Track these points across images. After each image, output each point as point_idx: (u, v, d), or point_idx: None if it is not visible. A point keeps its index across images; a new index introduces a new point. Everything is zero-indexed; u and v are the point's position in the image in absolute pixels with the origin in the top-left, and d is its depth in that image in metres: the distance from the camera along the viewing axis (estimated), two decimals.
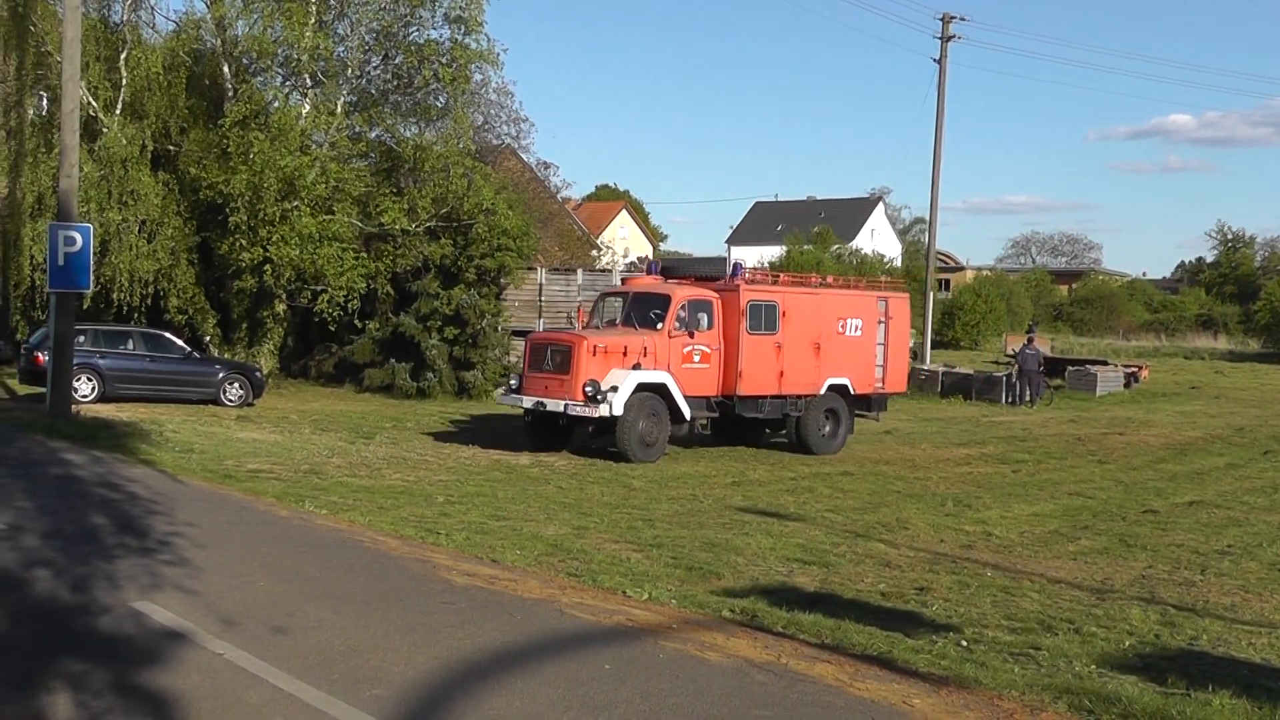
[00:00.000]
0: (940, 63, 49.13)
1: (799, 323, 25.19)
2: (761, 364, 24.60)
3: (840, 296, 27.15)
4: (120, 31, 33.04)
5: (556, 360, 22.94)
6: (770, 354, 24.75)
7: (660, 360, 23.24)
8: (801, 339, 25.28)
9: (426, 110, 35.43)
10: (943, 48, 49.12)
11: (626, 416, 22.28)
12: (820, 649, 8.93)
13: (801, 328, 25.24)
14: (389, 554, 12.02)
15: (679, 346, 23.57)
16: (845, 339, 26.23)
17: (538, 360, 23.50)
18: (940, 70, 49.09)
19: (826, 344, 25.73)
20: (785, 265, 76.24)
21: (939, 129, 49.19)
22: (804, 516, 16.95)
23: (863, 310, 26.76)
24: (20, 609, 9.11)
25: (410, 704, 7.22)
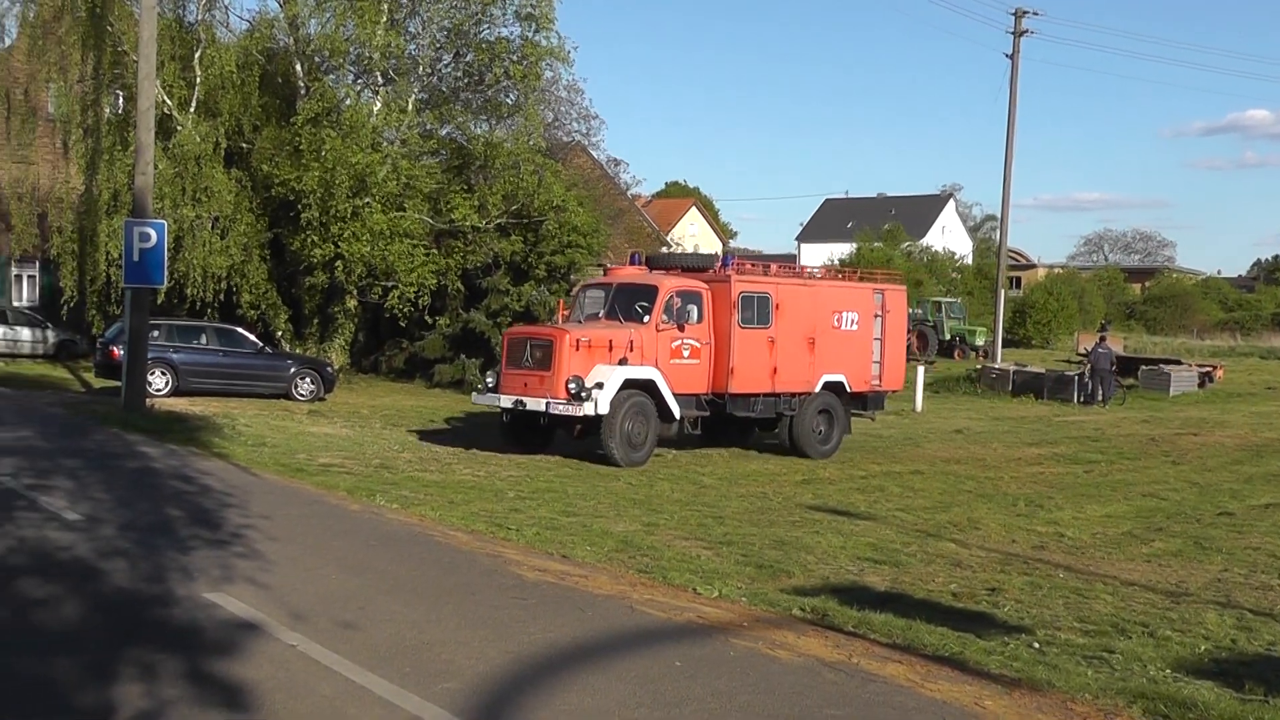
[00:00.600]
0: (1013, 58, 48.70)
1: (793, 316, 23.95)
2: (754, 360, 23.33)
3: (835, 288, 25.87)
4: (195, 31, 33.42)
5: (536, 356, 21.61)
6: (763, 349, 23.46)
7: (647, 355, 21.96)
8: (796, 333, 24.05)
9: (497, 107, 35.56)
10: (1015, 43, 48.67)
11: (612, 416, 21.04)
12: (891, 649, 8.85)
13: (796, 321, 24.01)
14: (460, 549, 12.05)
15: (667, 341, 22.29)
16: (841, 333, 24.99)
17: (516, 356, 22.09)
18: (1012, 66, 48.67)
19: (822, 339, 24.52)
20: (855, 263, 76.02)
21: (1011, 125, 48.78)
22: (874, 515, 16.85)
23: (859, 303, 25.51)
24: (96, 599, 9.19)
25: (481, 698, 7.21)
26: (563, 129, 48.91)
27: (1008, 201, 49.99)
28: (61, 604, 8.98)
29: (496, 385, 22.27)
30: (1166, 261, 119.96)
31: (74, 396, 28.35)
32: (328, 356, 33.66)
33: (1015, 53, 48.65)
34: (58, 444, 18.73)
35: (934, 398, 39.74)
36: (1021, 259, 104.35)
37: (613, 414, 20.99)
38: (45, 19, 33.50)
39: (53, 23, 33.47)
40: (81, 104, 33.47)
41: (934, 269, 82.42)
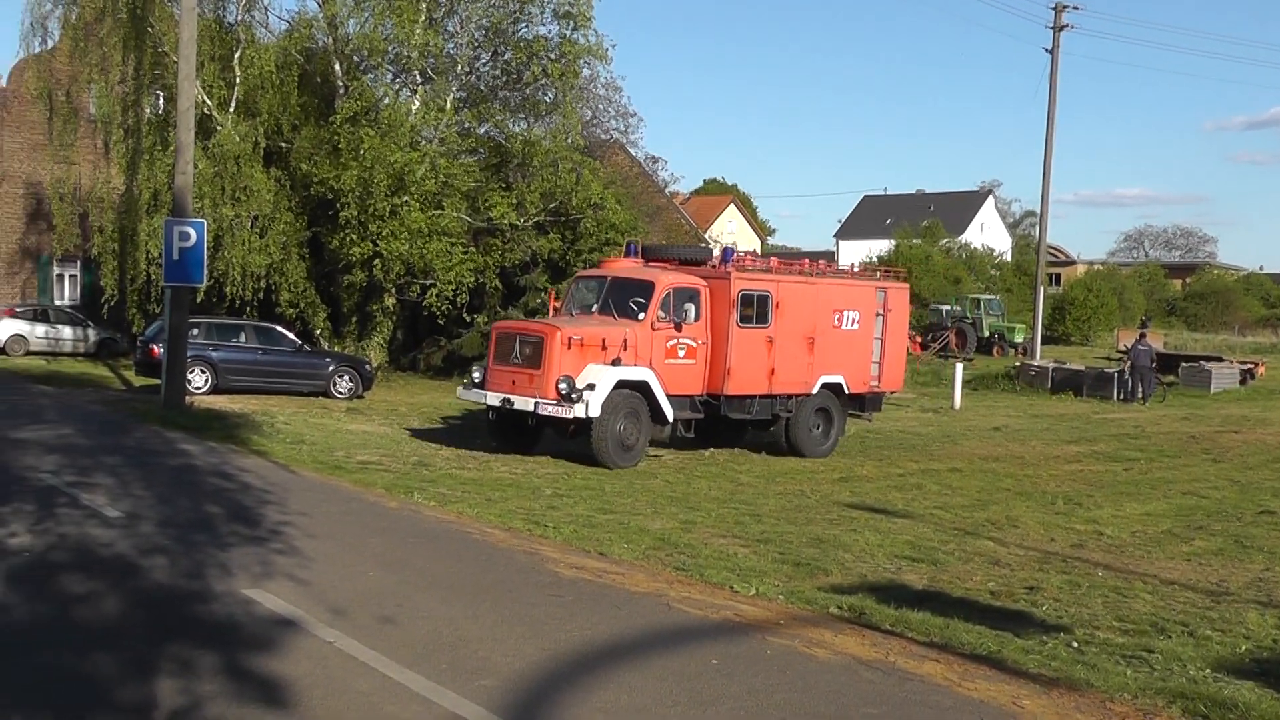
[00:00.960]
0: (1052, 53, 48.46)
1: (793, 315, 23.04)
2: (752, 360, 22.46)
3: (837, 286, 24.72)
4: (234, 31, 33.58)
5: (526, 353, 20.68)
6: (761, 349, 22.57)
7: (641, 355, 21.01)
8: (795, 333, 23.15)
9: (535, 105, 35.60)
10: (1055, 37, 48.45)
11: (604, 418, 20.15)
12: (929, 647, 8.83)
13: (795, 320, 23.11)
14: (497, 546, 12.08)
15: (663, 340, 21.32)
16: (841, 332, 24.09)
17: (505, 352, 21.17)
18: (1052, 60, 48.44)
19: (821, 338, 23.63)
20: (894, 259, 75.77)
21: (1050, 120, 48.55)
22: (912, 513, 16.80)
23: (860, 301, 24.60)
24: (137, 595, 9.26)
25: (518, 694, 7.23)
26: (601, 127, 48.87)
27: (1047, 197, 49.89)
28: (102, 600, 9.05)
29: (483, 381, 21.40)
30: (1207, 257, 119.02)
31: (114, 394, 28.55)
32: (366, 354, 33.78)
33: (1055, 47, 48.44)
34: (98, 441, 18.87)
35: (972, 395, 39.62)
36: (1061, 255, 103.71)
37: (604, 416, 20.16)
38: (87, 21, 33.72)
39: (94, 24, 33.71)
40: (122, 104, 33.70)
41: (973, 266, 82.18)
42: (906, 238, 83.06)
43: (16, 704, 6.74)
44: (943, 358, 55.00)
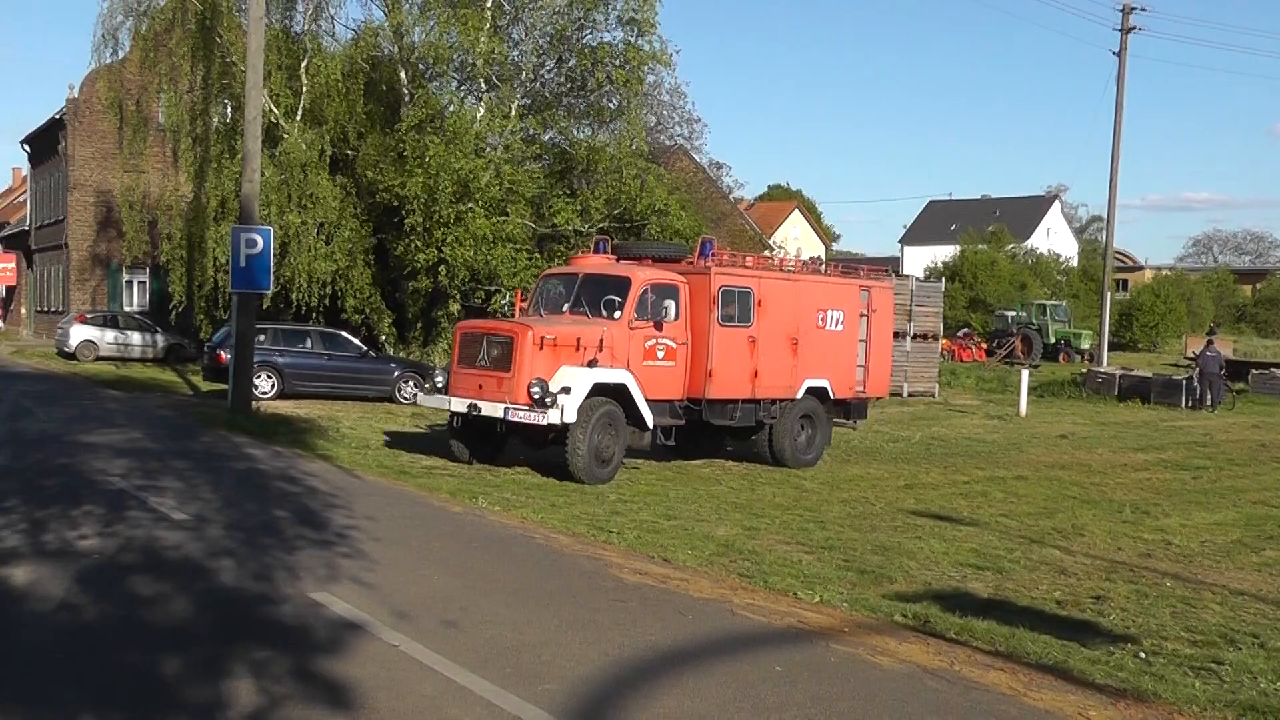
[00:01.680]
0: (1120, 55, 47.99)
1: (776, 314, 21.65)
2: (734, 362, 21.07)
3: (820, 284, 23.39)
4: (301, 41, 33.88)
5: (494, 354, 19.07)
6: (744, 350, 21.19)
7: (618, 356, 19.48)
8: (778, 333, 21.78)
9: (600, 112, 35.64)
10: (1123, 40, 47.96)
11: (580, 425, 18.57)
12: (994, 657, 8.77)
13: (778, 320, 21.73)
14: (561, 551, 12.10)
15: (640, 340, 19.82)
16: (825, 333, 22.72)
17: (470, 354, 19.54)
18: (1120, 63, 47.95)
19: (805, 339, 22.23)
20: (959, 266, 75.36)
21: (1118, 124, 48.06)
22: (977, 521, 16.68)
23: (844, 301, 23.24)
24: (205, 597, 9.34)
25: (581, 699, 7.24)
26: (665, 133, 48.96)
27: (1114, 202, 49.33)
28: (171, 601, 9.14)
29: (446, 386, 19.88)
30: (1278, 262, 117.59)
31: (182, 399, 28.86)
32: (431, 360, 33.93)
33: (1122, 50, 47.96)
34: (166, 445, 19.07)
35: (1038, 402, 39.27)
36: (1128, 261, 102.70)
37: (580, 423, 18.58)
38: (157, 32, 34.17)
39: (164, 35, 34.15)
40: (191, 113, 34.13)
41: (1039, 271, 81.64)
42: (972, 243, 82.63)
43: (87, 702, 6.83)
44: (1008, 364, 54.69)
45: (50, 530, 11.47)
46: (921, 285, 44.21)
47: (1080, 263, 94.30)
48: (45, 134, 58.33)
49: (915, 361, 41.44)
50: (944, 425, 31.20)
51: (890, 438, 27.55)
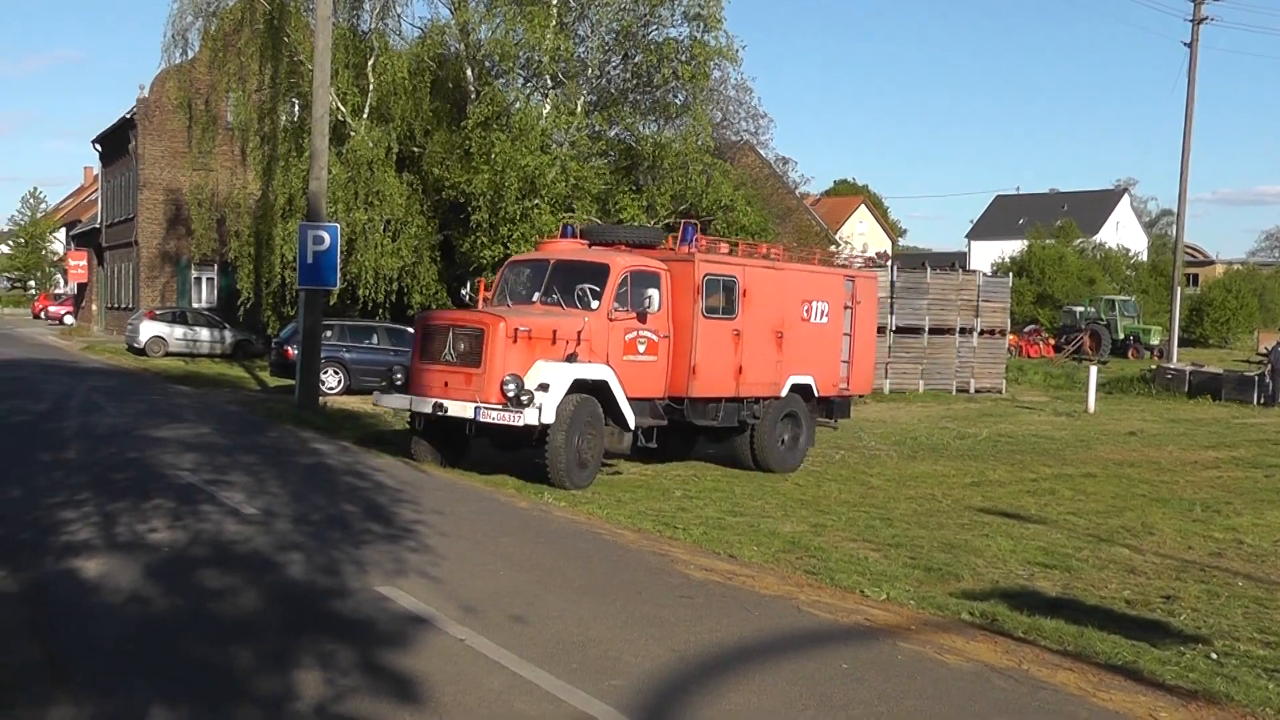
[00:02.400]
0: (1191, 46, 47.46)
1: (760, 305, 20.11)
2: (718, 357, 19.48)
3: (805, 274, 21.70)
4: (368, 39, 34.07)
5: (461, 348, 17.36)
6: (728, 344, 19.62)
7: (597, 350, 17.78)
8: (763, 326, 20.23)
9: (666, 108, 35.54)
10: (1194, 31, 47.42)
11: (559, 426, 16.83)
12: (1062, 656, 8.69)
13: (763, 311, 20.19)
14: (627, 547, 12.10)
15: (620, 333, 18.19)
16: (810, 326, 21.24)
17: (435, 348, 17.76)
18: (1191, 54, 47.43)
19: (790, 333, 20.73)
20: (1027, 261, 74.79)
21: (1188, 116, 47.57)
22: (1045, 519, 16.53)
23: (829, 292, 21.78)
24: (274, 590, 9.41)
25: (647, 695, 7.23)
26: (731, 128, 48.70)
27: (1184, 195, 48.78)
28: (239, 595, 9.21)
29: (407, 383, 18.11)
30: None
31: (250, 394, 29.11)
32: None
33: (1194, 41, 47.43)
34: (235, 440, 19.24)
35: (1107, 398, 38.93)
36: (1199, 255, 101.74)
37: (560, 424, 16.86)
38: (226, 32, 34.51)
39: (233, 35, 34.49)
40: (259, 112, 34.44)
41: (1107, 266, 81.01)
42: (1040, 238, 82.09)
43: (158, 692, 6.89)
44: (1076, 360, 54.28)
45: (121, 524, 11.58)
46: (988, 280, 43.88)
47: (1150, 257, 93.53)
48: (116, 133, 59.04)
49: (982, 357, 41.21)
50: (1011, 422, 30.98)
51: (957, 434, 27.38)
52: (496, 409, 16.66)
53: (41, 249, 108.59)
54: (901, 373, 39.12)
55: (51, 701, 6.71)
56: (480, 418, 16.79)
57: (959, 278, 42.19)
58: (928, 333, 39.66)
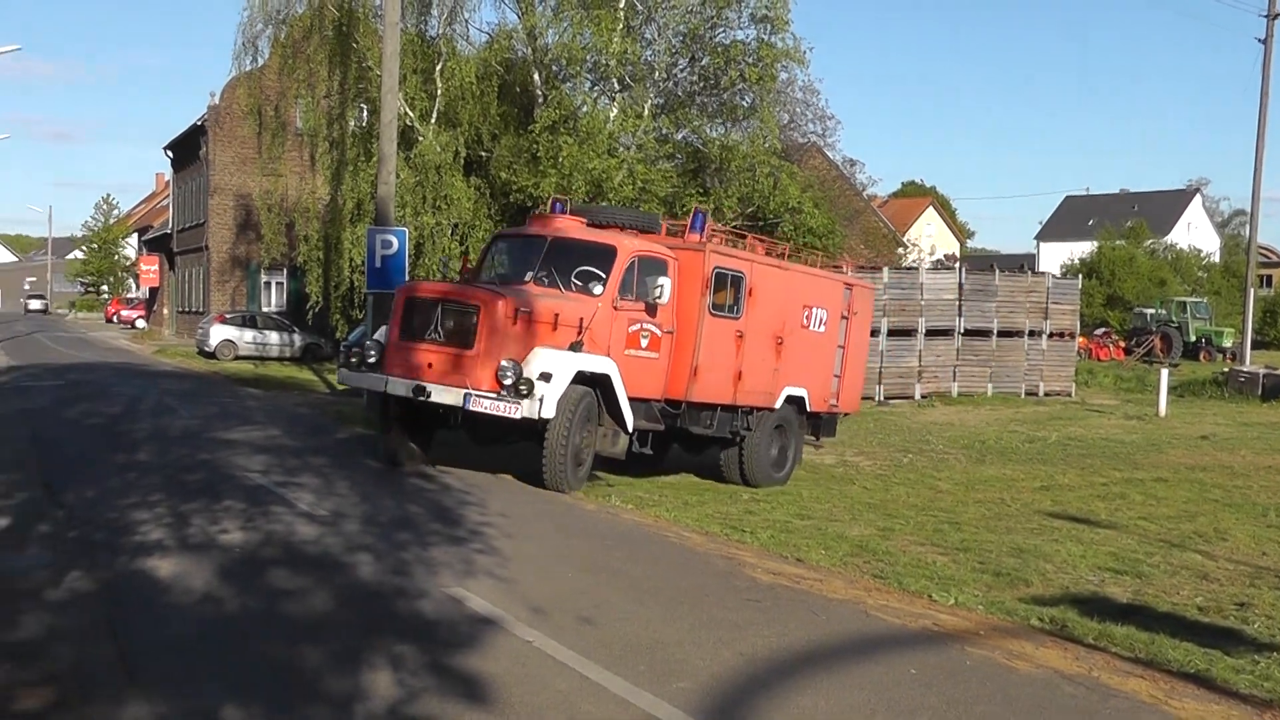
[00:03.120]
0: (1265, 42, 46.73)
1: (765, 307, 18.56)
2: (720, 359, 17.85)
3: (807, 278, 20.29)
4: (436, 44, 34.22)
5: (451, 326, 15.43)
6: (730, 346, 17.99)
7: (598, 340, 15.86)
8: (765, 329, 18.68)
9: (733, 110, 35.47)
10: (1269, 26, 46.69)
11: (561, 421, 15.24)
12: (1134, 663, 8.60)
13: (766, 314, 18.64)
14: (694, 550, 12.11)
15: (624, 324, 16.40)
16: (809, 334, 19.75)
17: (418, 323, 15.78)
18: (1265, 50, 46.67)
19: (789, 340, 19.18)
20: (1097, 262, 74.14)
21: (1263, 114, 46.81)
22: (1116, 524, 16.38)
23: (828, 299, 20.30)
24: (343, 591, 9.48)
25: (715, 698, 7.22)
26: (798, 130, 48.62)
27: (1258, 195, 48.19)
28: (310, 595, 9.29)
29: (380, 361, 16.05)
30: None
31: (319, 397, 29.38)
32: None
33: (1268, 37, 46.70)
34: (304, 443, 19.39)
35: (1178, 402, 38.49)
36: (1273, 256, 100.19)
37: (562, 418, 15.22)
38: (295, 39, 34.80)
39: (302, 42, 34.77)
40: (328, 118, 34.72)
41: (1179, 268, 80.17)
42: (1110, 239, 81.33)
43: (230, 692, 6.96)
44: (1147, 363, 53.80)
45: (193, 524, 11.70)
46: (1058, 282, 43.56)
47: (1222, 258, 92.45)
48: (187, 140, 59.83)
49: (1051, 360, 40.92)
50: (1081, 425, 30.73)
51: (1026, 438, 27.19)
52: (490, 397, 14.77)
53: (114, 254, 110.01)
54: (969, 376, 38.90)
55: (125, 700, 6.79)
56: (470, 406, 14.82)
57: (1028, 279, 41.90)
58: (996, 335, 39.42)
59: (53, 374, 33.82)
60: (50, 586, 9.34)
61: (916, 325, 37.64)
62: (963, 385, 38.57)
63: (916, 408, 35.55)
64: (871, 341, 36.41)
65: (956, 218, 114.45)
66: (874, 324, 36.02)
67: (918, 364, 37.73)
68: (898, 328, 37.30)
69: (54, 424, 21.04)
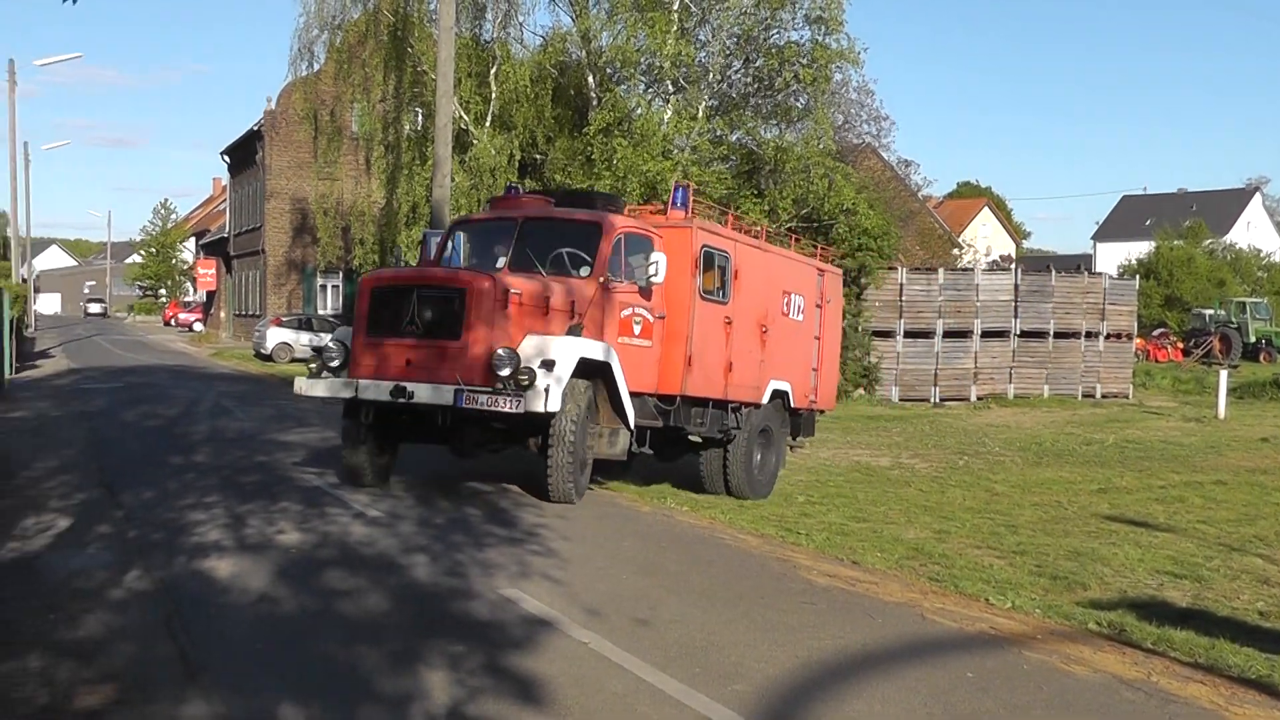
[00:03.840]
0: None
1: (749, 291, 16.75)
2: (712, 348, 16.00)
3: (785, 261, 18.51)
4: (490, 48, 34.43)
5: (429, 316, 13.44)
6: (720, 334, 16.15)
7: (590, 326, 14.09)
8: (750, 316, 16.85)
9: (787, 111, 35.45)
10: None
11: (569, 416, 13.49)
12: (1193, 669, 8.50)
13: (751, 299, 16.84)
14: (749, 552, 12.08)
15: (616, 308, 14.54)
16: (789, 323, 18.07)
17: (390, 317, 13.69)
18: None
19: (773, 328, 17.43)
20: (1154, 263, 73.47)
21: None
22: (1174, 527, 16.22)
23: (803, 285, 18.61)
24: (399, 591, 9.52)
25: (770, 701, 7.20)
26: (853, 131, 48.53)
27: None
28: (366, 595, 9.33)
29: (345, 363, 14.15)
30: None
31: None
32: None
33: None
34: None
35: (1238, 404, 38.11)
36: None
37: (569, 413, 13.50)
38: (350, 44, 35.11)
39: (357, 47, 35.08)
40: (383, 122, 35.00)
41: (1238, 268, 79.40)
42: (1167, 239, 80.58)
43: (287, 691, 7.01)
44: (1206, 364, 53.24)
45: (250, 525, 11.80)
46: (1114, 283, 43.30)
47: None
48: (244, 145, 60.34)
49: (1108, 362, 40.65)
50: (1138, 428, 30.47)
51: (1083, 440, 26.99)
52: (486, 392, 12.89)
53: (172, 258, 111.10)
54: (1026, 377, 38.69)
55: (184, 698, 6.85)
56: (464, 404, 12.91)
57: (1084, 280, 41.65)
58: (1052, 336, 39.18)
59: (111, 376, 34.24)
60: (110, 586, 9.45)
61: (972, 327, 37.49)
62: (1019, 387, 38.36)
63: (972, 410, 35.39)
64: (927, 343, 36.66)
65: (1012, 218, 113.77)
66: (929, 325, 36.08)
67: (973, 366, 37.58)
68: (953, 329, 37.16)
69: (113, 426, 21.30)
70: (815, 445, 20.37)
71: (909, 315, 37.37)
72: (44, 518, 12.35)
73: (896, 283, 37.56)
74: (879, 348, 36.06)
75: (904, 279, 38.01)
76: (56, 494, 13.92)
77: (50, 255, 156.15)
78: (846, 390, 34.05)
